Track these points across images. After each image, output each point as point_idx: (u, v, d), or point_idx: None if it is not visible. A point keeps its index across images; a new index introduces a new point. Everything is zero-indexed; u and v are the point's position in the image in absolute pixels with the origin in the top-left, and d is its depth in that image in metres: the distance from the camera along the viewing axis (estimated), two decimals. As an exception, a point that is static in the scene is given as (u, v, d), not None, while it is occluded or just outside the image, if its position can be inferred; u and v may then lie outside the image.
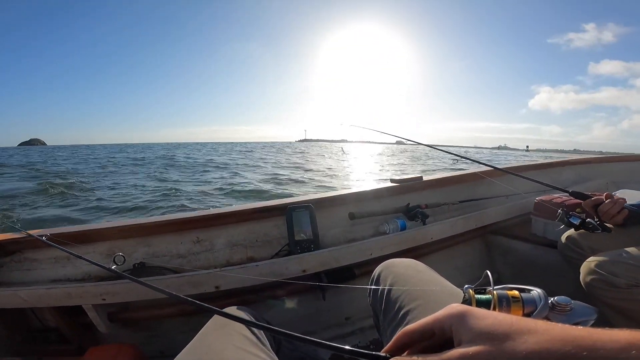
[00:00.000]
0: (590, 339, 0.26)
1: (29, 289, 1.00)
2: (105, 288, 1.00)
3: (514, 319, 0.31)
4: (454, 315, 0.33)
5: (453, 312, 0.34)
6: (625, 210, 0.94)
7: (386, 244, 1.28)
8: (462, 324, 0.32)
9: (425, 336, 0.36)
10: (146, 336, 1.20)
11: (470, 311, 0.33)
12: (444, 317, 0.34)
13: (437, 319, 0.35)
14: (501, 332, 0.29)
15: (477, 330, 0.31)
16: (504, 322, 0.30)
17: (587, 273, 0.92)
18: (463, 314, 0.33)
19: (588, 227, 0.96)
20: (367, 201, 1.51)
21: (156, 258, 1.23)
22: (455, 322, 0.33)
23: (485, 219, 1.59)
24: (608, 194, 0.97)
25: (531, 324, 0.30)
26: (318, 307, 1.35)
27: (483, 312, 0.33)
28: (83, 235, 1.14)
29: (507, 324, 0.30)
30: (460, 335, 0.32)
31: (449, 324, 0.33)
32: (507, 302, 0.49)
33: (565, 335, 0.27)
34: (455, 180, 1.75)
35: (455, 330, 0.32)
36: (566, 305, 0.52)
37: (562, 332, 0.28)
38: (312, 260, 1.16)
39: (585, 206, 1.00)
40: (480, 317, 0.32)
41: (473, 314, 0.32)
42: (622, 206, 0.94)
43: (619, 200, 0.95)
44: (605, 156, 2.56)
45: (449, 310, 0.35)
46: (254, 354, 0.54)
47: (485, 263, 1.71)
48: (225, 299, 1.15)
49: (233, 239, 1.31)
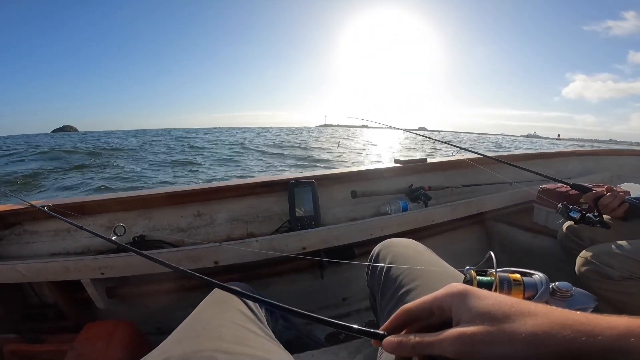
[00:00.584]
0: (589, 325, 0.26)
1: (28, 263, 0.99)
2: (104, 262, 0.99)
3: (514, 300, 0.30)
4: (454, 295, 0.33)
5: (453, 291, 0.33)
6: (626, 203, 0.93)
7: (387, 224, 1.28)
8: (462, 304, 0.32)
9: (423, 315, 0.35)
10: (143, 312, 1.21)
11: (471, 291, 0.32)
12: (443, 296, 0.34)
13: (437, 297, 0.34)
14: (501, 313, 0.29)
15: (477, 310, 0.30)
16: (504, 303, 0.30)
17: (582, 263, 0.92)
18: (463, 293, 0.32)
19: (587, 221, 0.94)
20: (370, 180, 1.50)
21: (156, 231, 1.23)
22: (455, 301, 0.32)
23: (487, 205, 1.58)
24: (609, 187, 0.95)
25: (531, 307, 0.29)
26: (316, 286, 1.37)
27: (484, 292, 0.32)
28: (83, 206, 1.14)
29: (507, 306, 0.30)
30: (459, 315, 0.31)
31: (449, 303, 0.33)
32: (509, 285, 0.48)
33: (564, 320, 0.27)
34: (460, 165, 1.73)
35: (455, 309, 0.32)
36: (567, 291, 0.51)
37: (561, 317, 0.27)
38: (313, 238, 1.16)
39: (586, 199, 0.99)
40: (481, 297, 0.31)
41: (474, 294, 0.32)
42: (622, 199, 0.93)
43: (620, 193, 0.94)
44: (612, 149, 2.52)
45: (449, 289, 0.34)
46: (252, 330, 0.54)
47: (484, 249, 1.70)
48: (224, 274, 1.16)
49: (234, 213, 1.31)
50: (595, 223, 0.92)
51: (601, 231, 1.00)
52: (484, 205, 1.56)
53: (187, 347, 0.47)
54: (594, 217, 0.93)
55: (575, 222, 0.97)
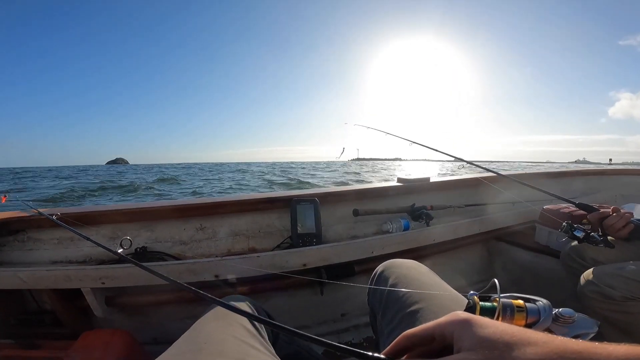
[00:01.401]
0: (588, 353, 0.26)
1: (29, 270, 1.00)
2: (106, 272, 1.00)
3: (515, 329, 0.31)
4: (456, 322, 0.33)
5: (456, 319, 0.34)
6: (631, 224, 0.93)
7: (388, 242, 1.28)
8: (464, 332, 0.32)
9: (425, 341, 0.35)
10: (141, 322, 1.21)
11: (474, 319, 0.33)
12: (446, 324, 0.34)
13: (439, 324, 0.34)
14: (502, 342, 0.29)
15: (478, 339, 0.30)
16: (505, 332, 0.30)
17: (584, 284, 0.92)
18: (466, 321, 0.33)
19: (591, 240, 0.95)
20: (372, 199, 1.50)
21: (158, 243, 1.23)
22: (458, 329, 0.32)
23: (489, 225, 1.58)
24: (615, 207, 0.96)
25: (532, 336, 0.29)
26: (315, 302, 1.36)
27: (486, 321, 0.32)
28: (88, 216, 1.15)
29: (509, 335, 0.30)
30: (460, 343, 0.31)
31: (451, 331, 0.33)
32: (511, 311, 0.48)
33: (564, 349, 0.27)
34: (462, 184, 1.74)
35: (457, 337, 0.32)
36: (569, 317, 0.51)
37: (560, 346, 0.28)
38: (314, 255, 1.16)
39: (591, 219, 0.99)
40: (483, 326, 0.31)
41: (476, 323, 0.32)
42: (628, 220, 0.93)
43: (625, 214, 0.94)
44: (617, 168, 2.52)
45: (452, 317, 0.34)
46: (252, 345, 0.54)
47: (486, 268, 1.70)
48: (224, 288, 1.15)
49: (236, 228, 1.31)
50: (599, 242, 0.92)
51: (604, 252, 0.99)
52: (485, 224, 1.56)
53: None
54: (598, 236, 0.93)
55: (579, 241, 0.97)
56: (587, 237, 0.95)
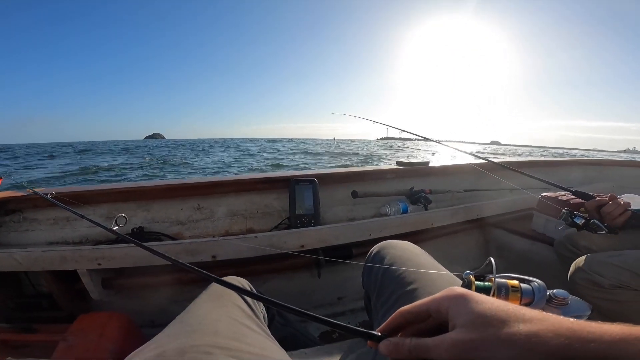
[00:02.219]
0: (583, 332, 0.26)
1: (25, 251, 0.99)
2: (102, 252, 0.99)
3: (511, 306, 0.31)
4: (451, 297, 0.33)
5: (452, 294, 0.33)
6: (628, 212, 0.93)
7: (386, 225, 1.28)
8: (459, 307, 0.32)
9: (420, 317, 0.35)
10: (138, 304, 1.21)
11: (470, 295, 0.32)
12: (442, 298, 0.34)
13: (435, 299, 0.34)
14: (497, 319, 0.29)
15: (473, 315, 0.30)
16: (500, 309, 0.30)
17: (575, 271, 0.93)
18: (462, 296, 0.32)
19: (591, 227, 0.94)
20: (372, 181, 1.50)
21: (155, 223, 1.23)
22: (453, 304, 0.32)
23: (487, 211, 1.58)
24: (612, 195, 0.95)
25: (527, 313, 0.29)
26: (312, 285, 1.36)
27: (481, 297, 0.32)
28: (84, 196, 1.14)
29: (504, 311, 0.30)
30: (455, 319, 0.31)
31: (446, 306, 0.33)
32: (506, 291, 0.48)
33: (559, 327, 0.27)
34: (462, 170, 1.73)
35: (452, 312, 0.32)
36: (563, 299, 0.52)
37: (555, 323, 0.28)
38: (312, 236, 1.16)
39: (589, 206, 0.98)
40: (478, 302, 0.31)
41: (472, 298, 0.32)
42: (625, 208, 0.92)
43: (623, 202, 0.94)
44: (616, 159, 2.51)
45: (448, 292, 0.34)
46: (248, 326, 0.54)
47: (482, 255, 1.71)
48: (221, 269, 1.15)
49: (234, 208, 1.31)
50: (600, 229, 0.92)
51: (597, 240, 1.01)
52: (483, 210, 1.56)
53: (182, 341, 0.46)
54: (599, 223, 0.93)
55: (578, 228, 0.97)
56: (587, 224, 0.95)
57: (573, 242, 1.09)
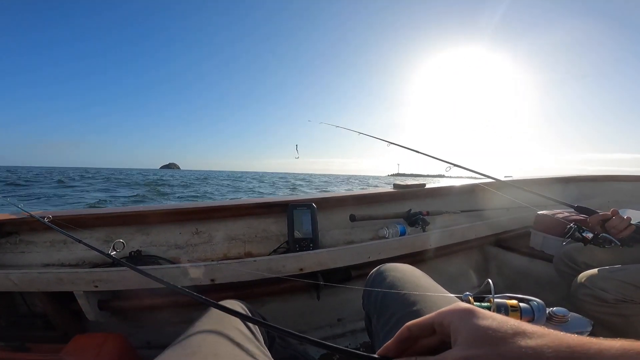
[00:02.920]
0: (583, 347, 0.26)
1: (21, 273, 0.98)
2: (99, 275, 0.98)
3: (513, 322, 0.31)
4: (455, 312, 0.33)
5: (456, 308, 0.34)
6: (632, 225, 0.93)
7: (385, 248, 1.28)
8: (461, 322, 0.32)
9: (425, 331, 0.36)
10: (134, 326, 1.19)
11: (474, 310, 0.33)
12: (446, 313, 0.34)
13: (440, 313, 0.35)
14: (499, 334, 0.29)
15: (475, 330, 0.31)
16: (503, 324, 0.30)
17: (577, 287, 0.93)
18: (466, 311, 0.33)
19: (599, 241, 0.94)
20: (369, 204, 1.51)
21: (153, 247, 1.22)
22: (456, 318, 0.33)
23: (484, 230, 1.58)
24: (614, 210, 0.96)
25: (528, 329, 0.30)
26: (312, 307, 1.35)
27: (485, 312, 0.33)
28: (82, 219, 1.14)
29: (505, 327, 0.30)
30: (456, 333, 0.32)
31: (449, 320, 0.33)
32: (505, 311, 0.49)
33: (559, 343, 0.27)
34: (458, 190, 1.75)
35: (454, 327, 0.32)
36: (563, 316, 0.52)
37: (556, 339, 0.28)
38: (310, 259, 1.15)
39: (592, 221, 0.99)
40: (481, 317, 0.32)
41: (476, 313, 0.32)
42: (629, 222, 0.93)
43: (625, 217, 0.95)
44: (610, 175, 2.55)
45: (454, 306, 0.34)
46: (248, 349, 0.54)
47: (481, 273, 1.70)
48: (220, 292, 1.14)
49: (232, 232, 1.31)
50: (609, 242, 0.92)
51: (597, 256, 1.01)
52: (480, 230, 1.57)
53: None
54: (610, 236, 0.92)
55: (585, 242, 0.97)
56: (596, 238, 0.95)
57: (572, 259, 1.10)
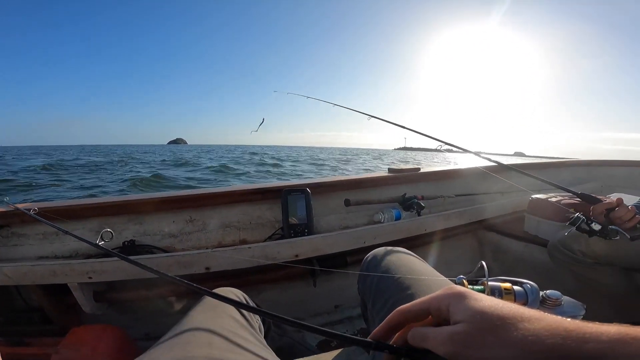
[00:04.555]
0: (580, 331, 0.26)
1: (14, 266, 0.97)
2: (92, 266, 0.97)
3: (510, 305, 0.31)
4: (451, 295, 0.33)
5: (451, 292, 0.34)
6: (638, 216, 0.88)
7: (380, 232, 1.28)
8: (459, 304, 0.32)
9: (420, 316, 0.35)
10: (132, 317, 1.19)
11: (469, 292, 0.33)
12: (442, 296, 0.34)
13: (435, 297, 0.35)
14: (495, 316, 0.29)
15: (473, 311, 0.30)
16: (500, 306, 0.30)
17: None
18: (462, 294, 0.33)
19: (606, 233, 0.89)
20: (364, 189, 1.50)
21: (147, 236, 1.21)
22: (453, 301, 0.32)
23: (479, 214, 1.59)
24: (620, 199, 0.91)
25: (525, 312, 0.30)
26: (308, 294, 1.36)
27: (480, 295, 0.33)
28: (72, 210, 1.12)
29: (502, 309, 0.30)
30: (455, 315, 0.32)
31: (447, 304, 0.33)
32: (499, 294, 0.49)
33: (556, 326, 0.27)
34: (453, 174, 1.75)
35: (452, 309, 0.32)
36: (556, 299, 0.52)
37: (553, 323, 0.28)
38: (305, 245, 1.15)
39: (596, 210, 0.93)
40: (478, 299, 0.32)
41: (471, 296, 0.32)
42: (635, 212, 0.88)
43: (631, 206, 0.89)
44: (603, 160, 2.57)
45: (447, 290, 0.34)
46: (243, 336, 0.54)
47: (476, 258, 1.71)
48: (215, 281, 1.14)
49: (226, 219, 1.30)
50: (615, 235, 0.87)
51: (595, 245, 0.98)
52: (476, 214, 1.57)
53: (177, 353, 0.46)
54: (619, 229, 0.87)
55: (590, 234, 0.92)
56: (604, 230, 0.89)
57: (568, 246, 1.07)
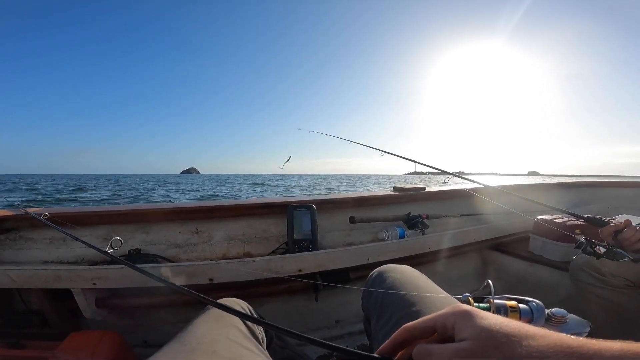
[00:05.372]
0: (583, 349, 0.27)
1: (19, 269, 0.98)
2: (98, 272, 0.98)
3: (514, 323, 0.31)
4: (457, 313, 0.34)
5: (457, 309, 0.34)
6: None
7: (384, 250, 1.28)
8: (465, 322, 0.32)
9: (425, 333, 0.36)
10: (131, 324, 1.19)
11: (474, 311, 0.33)
12: (448, 314, 0.34)
13: (442, 315, 0.35)
14: (501, 333, 0.30)
15: (478, 329, 0.31)
16: (505, 324, 0.31)
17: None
18: (467, 312, 0.33)
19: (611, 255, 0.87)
20: (369, 207, 1.51)
21: (153, 246, 1.22)
22: (459, 319, 0.33)
23: (483, 234, 1.58)
24: (628, 220, 0.89)
25: (530, 330, 0.30)
26: (310, 308, 1.34)
27: (486, 313, 0.33)
28: (82, 217, 1.14)
29: (508, 327, 0.30)
30: (461, 333, 0.32)
31: (452, 322, 0.33)
32: (505, 312, 0.49)
33: (560, 343, 0.28)
34: (457, 194, 1.75)
35: (458, 327, 0.33)
36: (562, 317, 0.52)
37: (557, 340, 0.28)
38: (309, 260, 1.15)
39: (604, 233, 0.91)
40: (483, 317, 0.32)
41: (477, 314, 0.33)
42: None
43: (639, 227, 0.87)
44: (610, 181, 2.55)
45: (453, 308, 0.35)
46: (246, 347, 0.54)
47: (480, 277, 1.70)
48: (219, 292, 1.14)
49: (231, 232, 1.31)
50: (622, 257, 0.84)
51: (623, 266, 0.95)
52: (480, 234, 1.57)
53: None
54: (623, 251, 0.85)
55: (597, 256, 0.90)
56: (609, 252, 0.88)
57: (595, 268, 1.03)
